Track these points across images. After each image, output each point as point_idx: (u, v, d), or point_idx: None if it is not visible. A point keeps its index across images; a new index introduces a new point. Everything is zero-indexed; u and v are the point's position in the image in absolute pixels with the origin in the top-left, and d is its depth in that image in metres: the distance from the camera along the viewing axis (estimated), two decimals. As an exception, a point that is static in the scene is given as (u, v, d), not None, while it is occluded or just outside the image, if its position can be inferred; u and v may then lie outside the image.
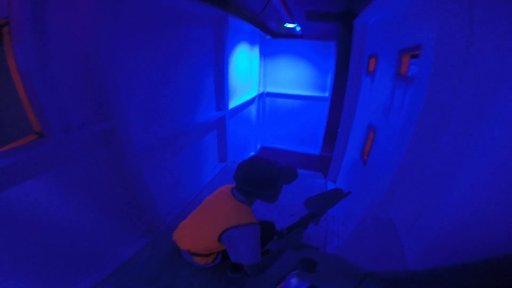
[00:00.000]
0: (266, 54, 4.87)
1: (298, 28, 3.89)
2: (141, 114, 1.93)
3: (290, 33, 4.61)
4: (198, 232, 1.45)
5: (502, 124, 0.68)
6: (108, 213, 1.78)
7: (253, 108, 4.93)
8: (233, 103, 3.69)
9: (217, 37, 2.87)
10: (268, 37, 4.73)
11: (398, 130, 1.30)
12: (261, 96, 5.21)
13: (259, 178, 1.29)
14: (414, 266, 0.95)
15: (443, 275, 0.46)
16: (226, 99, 3.26)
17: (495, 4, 0.73)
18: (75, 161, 1.48)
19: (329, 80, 4.64)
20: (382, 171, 1.42)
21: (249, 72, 4.38)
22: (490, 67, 0.74)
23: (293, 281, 0.63)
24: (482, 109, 0.76)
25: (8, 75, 1.19)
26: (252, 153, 5.16)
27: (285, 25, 3.88)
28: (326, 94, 4.75)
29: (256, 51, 4.59)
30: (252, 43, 4.28)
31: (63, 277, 1.53)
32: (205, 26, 2.65)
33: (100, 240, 1.76)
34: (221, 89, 3.18)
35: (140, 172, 1.85)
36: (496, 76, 0.71)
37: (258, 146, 5.68)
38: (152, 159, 2.06)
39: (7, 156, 1.13)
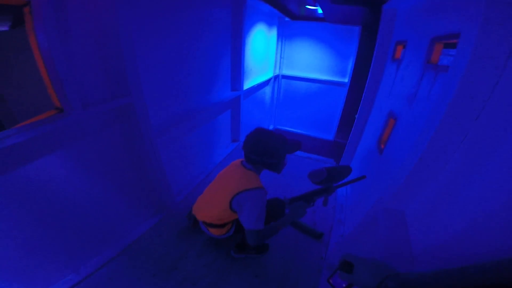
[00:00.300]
0: (284, 36, 4.75)
1: (320, 11, 3.76)
2: (158, 91, 1.95)
3: (311, 16, 4.47)
4: (212, 201, 1.57)
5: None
6: (121, 191, 1.85)
7: (268, 90, 4.89)
8: (248, 84, 3.68)
9: (235, 17, 2.83)
10: (287, 19, 4.60)
11: (422, 120, 1.29)
12: (277, 78, 5.14)
13: (263, 146, 1.43)
14: (419, 263, 0.96)
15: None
16: (241, 80, 3.26)
17: None
18: (92, 136, 1.53)
19: (349, 66, 4.51)
20: (400, 161, 1.40)
21: (265, 54, 4.32)
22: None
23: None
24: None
25: (30, 54, 1.24)
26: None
27: (306, 7, 3.77)
28: (346, 80, 4.64)
29: (274, 32, 4.49)
30: (270, 24, 4.18)
31: (76, 253, 1.62)
32: (224, 5, 2.61)
33: (112, 218, 1.83)
34: (237, 69, 3.17)
35: (154, 150, 1.88)
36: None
37: (271, 127, 5.67)
38: (165, 137, 2.09)
39: (28, 130, 1.18)
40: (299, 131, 5.50)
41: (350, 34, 4.35)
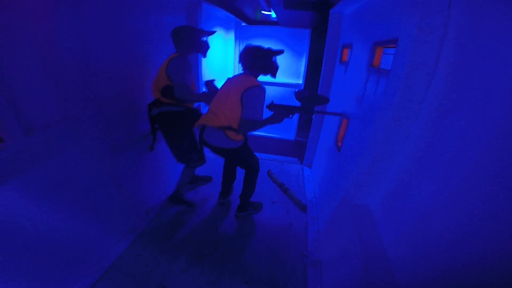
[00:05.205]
0: (241, 40, 4.78)
1: (273, 15, 3.86)
2: (111, 107, 1.82)
3: (266, 20, 4.57)
4: (226, 101, 1.80)
5: (468, 119, 0.76)
6: (87, 213, 1.72)
7: (228, 94, 4.83)
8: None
9: (190, 23, 2.75)
10: (244, 23, 4.65)
11: (371, 120, 1.40)
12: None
13: (253, 51, 1.81)
14: (392, 253, 1.03)
15: None
16: (199, 87, 3.18)
17: (473, 7, 0.80)
18: (43, 163, 1.38)
19: (302, 67, 4.71)
20: (356, 158, 1.50)
21: (224, 58, 4.29)
22: (461, 66, 0.82)
23: None
24: (451, 104, 0.85)
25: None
26: None
27: (261, 12, 3.84)
28: (300, 81, 4.83)
29: (231, 37, 4.50)
30: (227, 28, 4.17)
31: (55, 283, 1.47)
32: (178, 12, 2.54)
33: (82, 244, 1.69)
34: (195, 76, 3.09)
35: (112, 169, 1.78)
36: (466, 74, 0.79)
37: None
38: (125, 156, 1.98)
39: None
40: (261, 133, 5.57)
41: (301, 37, 4.54)
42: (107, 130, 1.74)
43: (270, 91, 5.10)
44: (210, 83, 2.12)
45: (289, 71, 4.83)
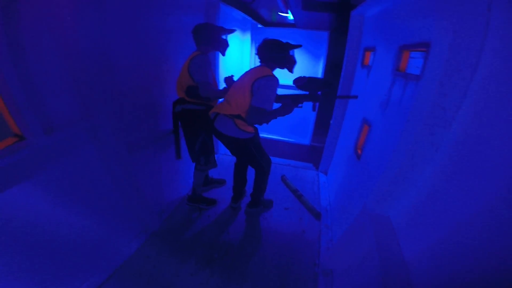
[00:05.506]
0: (257, 42, 4.76)
1: (290, 17, 3.81)
2: (129, 106, 1.83)
3: (282, 22, 4.52)
4: (239, 89, 1.82)
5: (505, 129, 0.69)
6: (101, 213, 1.73)
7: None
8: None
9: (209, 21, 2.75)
10: (259, 25, 4.61)
11: (397, 128, 1.31)
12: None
13: (270, 44, 1.83)
14: (413, 268, 0.97)
15: None
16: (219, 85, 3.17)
17: None
18: (61, 162, 1.39)
19: (320, 70, 4.61)
20: (379, 168, 1.44)
21: (240, 60, 4.27)
22: (502, 72, 0.74)
23: None
24: (488, 113, 0.77)
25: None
26: None
27: (278, 13, 3.80)
28: (317, 84, 4.74)
29: (247, 39, 4.48)
30: (244, 30, 4.15)
31: (63, 283, 1.48)
32: (196, 12, 2.55)
33: (94, 242, 1.70)
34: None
35: (129, 169, 1.77)
36: (507, 82, 0.72)
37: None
38: (141, 156, 1.99)
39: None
40: (275, 137, 5.49)
41: (319, 39, 4.45)
42: (125, 130, 1.75)
43: (282, 93, 5.12)
44: (229, 79, 2.15)
45: (306, 74, 4.74)
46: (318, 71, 4.68)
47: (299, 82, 1.90)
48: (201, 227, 2.27)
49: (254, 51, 4.80)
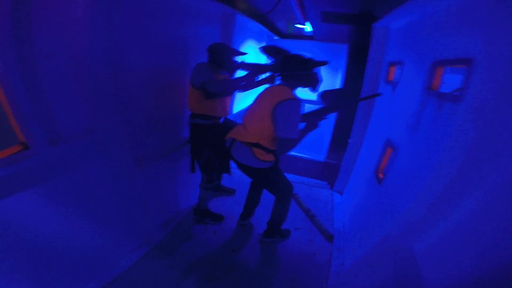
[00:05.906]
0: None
1: (307, 29, 3.72)
2: (139, 119, 1.78)
3: (298, 34, 4.42)
4: (256, 114, 1.67)
5: None
6: (103, 223, 1.70)
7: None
8: (238, 106, 3.52)
9: (224, 34, 2.72)
10: (276, 37, 4.54)
11: (431, 156, 1.13)
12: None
13: (292, 60, 1.66)
14: None
15: None
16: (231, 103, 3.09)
17: None
18: (66, 173, 1.36)
19: (338, 85, 4.44)
20: (405, 197, 1.29)
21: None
22: None
23: None
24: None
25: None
26: None
27: (295, 25, 3.72)
28: (335, 98, 4.57)
29: (263, 50, 4.41)
30: (259, 41, 4.09)
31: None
32: (212, 22, 2.51)
33: (93, 252, 1.66)
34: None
35: (135, 181, 1.72)
36: None
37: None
38: (149, 168, 1.93)
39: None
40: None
41: (337, 51, 4.30)
42: (133, 143, 1.72)
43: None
44: (242, 64, 2.13)
45: (323, 87, 4.60)
46: (336, 85, 4.51)
47: (327, 98, 1.81)
48: (206, 242, 2.17)
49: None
